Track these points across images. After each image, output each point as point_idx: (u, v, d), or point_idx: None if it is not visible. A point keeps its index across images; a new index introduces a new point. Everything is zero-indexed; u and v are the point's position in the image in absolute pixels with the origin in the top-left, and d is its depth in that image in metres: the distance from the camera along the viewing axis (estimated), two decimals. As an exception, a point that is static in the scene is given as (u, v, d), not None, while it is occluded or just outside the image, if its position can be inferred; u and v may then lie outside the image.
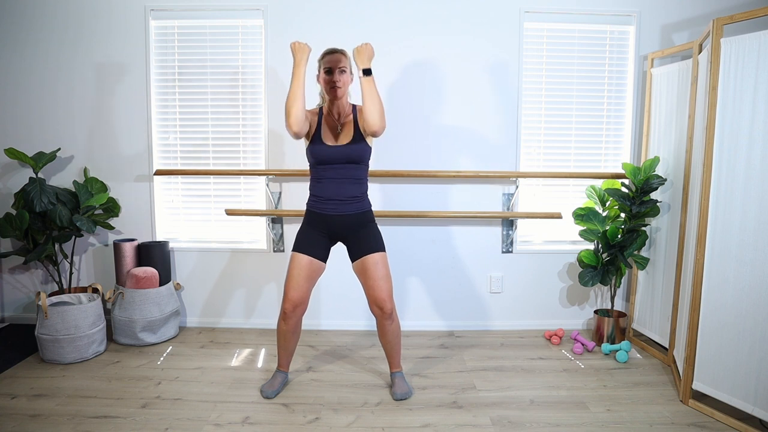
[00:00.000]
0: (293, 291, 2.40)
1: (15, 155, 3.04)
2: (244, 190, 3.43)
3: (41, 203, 2.97)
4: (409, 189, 3.35)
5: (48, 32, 3.29)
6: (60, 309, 2.82)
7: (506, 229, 3.39)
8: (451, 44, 3.26)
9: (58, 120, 3.35)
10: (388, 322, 2.45)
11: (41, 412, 2.33)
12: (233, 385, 2.62)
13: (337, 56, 2.38)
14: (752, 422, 2.21)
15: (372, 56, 2.35)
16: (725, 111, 2.26)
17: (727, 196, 2.26)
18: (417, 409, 2.40)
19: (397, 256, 3.32)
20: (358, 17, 3.24)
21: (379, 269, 2.41)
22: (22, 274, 3.47)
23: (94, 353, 2.94)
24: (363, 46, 2.34)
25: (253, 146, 3.37)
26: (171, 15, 3.28)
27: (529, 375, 2.76)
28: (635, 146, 3.34)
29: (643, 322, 3.17)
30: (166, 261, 3.29)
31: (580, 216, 3.13)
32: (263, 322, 3.44)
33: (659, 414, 2.35)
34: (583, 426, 2.26)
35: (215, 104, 3.35)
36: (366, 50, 2.34)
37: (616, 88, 3.34)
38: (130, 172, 3.38)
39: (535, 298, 3.45)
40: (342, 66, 2.37)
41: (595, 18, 3.27)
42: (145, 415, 2.32)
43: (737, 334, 2.22)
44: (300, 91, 2.28)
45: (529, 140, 3.37)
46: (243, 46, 3.31)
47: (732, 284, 2.25)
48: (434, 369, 2.83)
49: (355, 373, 2.77)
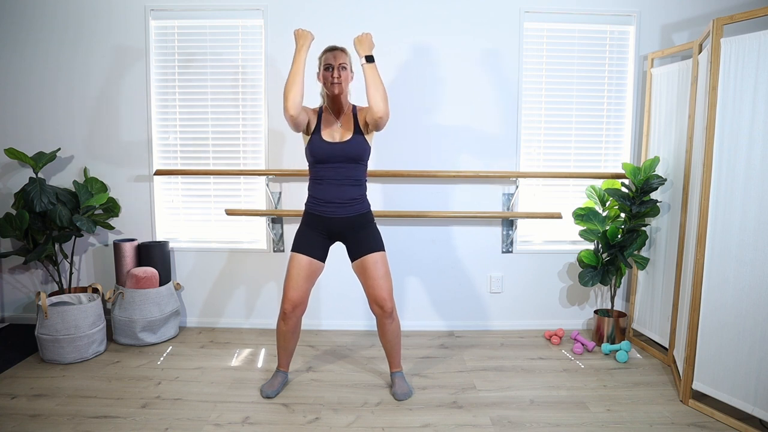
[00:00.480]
0: (292, 291, 2.40)
1: (15, 155, 3.05)
2: (244, 190, 3.43)
3: (41, 203, 2.97)
4: (409, 189, 3.35)
5: (48, 32, 3.29)
6: (60, 309, 2.82)
7: (506, 229, 3.39)
8: (451, 44, 3.26)
9: (58, 120, 3.35)
10: (389, 321, 2.45)
11: (41, 412, 2.33)
12: (233, 385, 2.62)
13: (336, 53, 2.38)
14: (752, 422, 2.21)
15: (372, 46, 2.37)
16: (725, 111, 2.26)
17: (727, 196, 2.26)
18: (417, 409, 2.40)
19: (397, 256, 3.32)
20: (358, 17, 3.24)
21: (379, 268, 2.41)
22: (22, 274, 3.47)
23: (94, 353, 2.94)
24: (363, 36, 2.38)
25: (253, 146, 3.37)
26: (171, 15, 3.28)
27: (529, 375, 2.76)
28: (635, 146, 3.34)
29: (643, 322, 3.17)
30: (166, 261, 3.29)
31: (580, 216, 3.13)
32: (263, 322, 3.44)
33: (659, 414, 2.35)
34: (583, 426, 2.26)
35: (215, 104, 3.35)
36: (366, 39, 2.37)
37: (616, 88, 3.34)
38: (130, 172, 3.38)
39: (535, 298, 3.45)
40: (342, 62, 2.38)
41: (595, 18, 3.27)
42: (145, 415, 2.32)
43: (737, 334, 2.22)
44: (299, 77, 2.28)
45: (529, 140, 3.37)
46: (243, 46, 3.31)
47: (732, 284, 2.25)
48: (434, 369, 2.83)
49: (355, 373, 2.77)
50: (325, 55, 2.41)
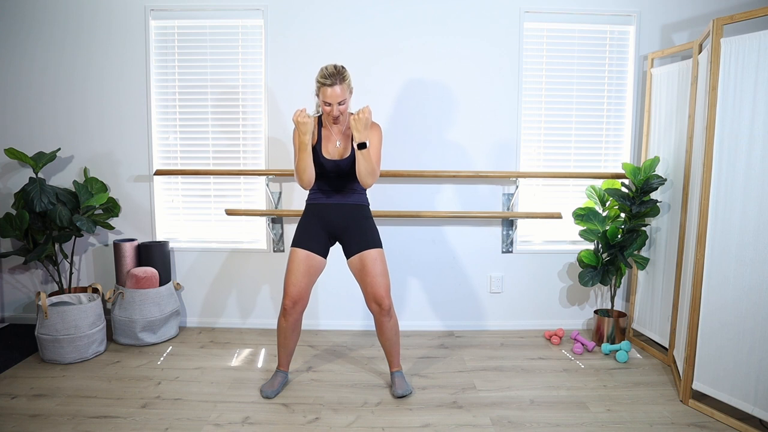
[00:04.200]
0: (292, 287, 2.41)
1: (15, 155, 3.04)
2: (244, 190, 3.43)
3: (41, 203, 2.97)
4: (409, 189, 3.35)
5: (48, 32, 3.29)
6: (60, 309, 2.82)
7: (506, 229, 3.39)
8: (451, 44, 3.26)
9: (58, 120, 3.35)
10: (386, 319, 2.45)
11: (41, 412, 2.33)
12: (233, 385, 2.62)
13: (335, 91, 2.26)
14: (752, 422, 2.21)
15: (369, 123, 2.27)
16: (725, 111, 2.25)
17: (727, 196, 2.26)
18: (417, 409, 2.39)
19: (396, 256, 3.32)
20: (358, 17, 3.24)
21: (378, 266, 2.41)
22: (22, 274, 3.47)
23: (94, 353, 2.94)
24: (360, 115, 2.25)
25: (253, 146, 3.37)
26: (171, 15, 3.28)
27: (529, 375, 2.76)
28: (635, 146, 3.34)
29: (643, 322, 3.17)
30: (166, 261, 3.29)
31: (580, 216, 3.13)
32: (263, 322, 3.44)
33: (659, 414, 2.35)
34: (583, 426, 2.26)
35: (215, 104, 3.35)
36: (363, 119, 2.25)
37: (616, 88, 3.34)
38: (130, 172, 3.38)
39: (535, 298, 3.45)
40: (341, 100, 2.30)
41: (595, 18, 3.27)
42: (145, 415, 2.32)
43: (737, 334, 2.22)
44: (309, 162, 2.33)
45: (529, 140, 3.37)
46: (243, 45, 3.31)
47: (732, 284, 2.24)
48: (434, 369, 2.83)
49: (355, 373, 2.77)
50: (323, 90, 2.29)
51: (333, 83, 2.26)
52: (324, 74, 2.28)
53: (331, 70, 2.28)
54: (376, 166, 2.35)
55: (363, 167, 2.32)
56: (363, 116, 2.25)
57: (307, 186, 2.40)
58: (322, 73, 2.29)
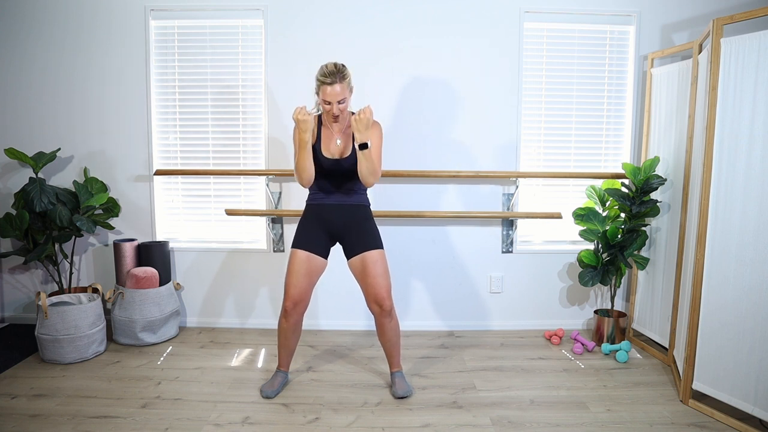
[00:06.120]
0: (293, 288, 2.41)
1: (15, 155, 3.04)
2: (244, 190, 3.43)
3: (41, 203, 2.97)
4: (409, 189, 3.35)
5: (48, 32, 3.28)
6: (60, 309, 2.82)
7: (506, 229, 3.39)
8: (451, 44, 3.26)
9: (58, 120, 3.35)
10: (387, 320, 2.45)
11: (41, 412, 2.33)
12: (233, 385, 2.62)
13: (335, 89, 2.25)
14: (752, 422, 2.21)
15: (370, 123, 2.25)
16: (725, 111, 2.25)
17: (727, 196, 2.26)
18: (417, 409, 2.39)
19: (397, 256, 3.32)
20: (358, 17, 3.24)
21: (379, 267, 2.41)
22: (22, 274, 3.47)
23: (94, 353, 2.94)
24: (361, 116, 2.23)
25: (253, 146, 3.37)
26: (171, 15, 3.28)
27: (529, 375, 2.76)
28: (635, 146, 3.34)
29: (643, 322, 3.17)
30: (166, 261, 3.28)
31: (580, 216, 3.13)
32: (263, 322, 3.44)
33: (659, 414, 2.35)
34: (583, 426, 2.26)
35: (215, 104, 3.35)
36: (365, 119, 2.23)
37: (616, 88, 3.34)
38: (130, 172, 3.38)
39: (535, 298, 3.45)
40: (341, 99, 2.29)
41: (595, 18, 3.27)
42: (145, 415, 2.32)
43: (737, 334, 2.22)
44: (309, 160, 2.33)
45: (529, 140, 3.37)
46: (243, 45, 3.31)
47: (732, 284, 2.25)
48: (434, 369, 2.83)
49: (355, 373, 2.77)
50: (323, 89, 2.28)
51: (333, 81, 2.25)
52: (324, 72, 2.27)
53: (331, 69, 2.27)
54: (377, 166, 2.35)
55: (365, 167, 2.31)
56: (364, 116, 2.24)
57: (307, 184, 2.40)
58: (322, 72, 2.28)
